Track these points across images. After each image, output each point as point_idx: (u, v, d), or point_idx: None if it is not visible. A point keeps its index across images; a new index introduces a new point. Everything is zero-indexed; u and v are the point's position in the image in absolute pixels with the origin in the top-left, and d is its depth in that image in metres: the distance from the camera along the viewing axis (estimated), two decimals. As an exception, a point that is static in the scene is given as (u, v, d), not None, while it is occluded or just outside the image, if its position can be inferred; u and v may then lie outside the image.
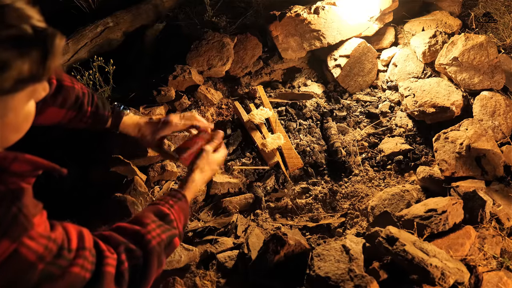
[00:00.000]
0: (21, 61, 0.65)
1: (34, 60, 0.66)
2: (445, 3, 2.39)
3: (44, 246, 0.72)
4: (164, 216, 1.05)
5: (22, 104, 0.73)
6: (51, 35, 0.69)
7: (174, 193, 1.14)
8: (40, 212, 0.75)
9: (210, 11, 2.24)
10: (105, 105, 1.31)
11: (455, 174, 1.65)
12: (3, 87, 0.65)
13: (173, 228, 1.04)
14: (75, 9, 2.24)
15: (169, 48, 2.25)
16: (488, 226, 1.40)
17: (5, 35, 0.63)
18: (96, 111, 1.28)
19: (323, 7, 2.22)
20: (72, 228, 0.83)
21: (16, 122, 0.75)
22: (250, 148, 1.88)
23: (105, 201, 1.53)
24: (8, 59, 0.63)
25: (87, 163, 1.67)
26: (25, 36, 0.65)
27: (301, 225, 1.64)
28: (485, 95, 1.89)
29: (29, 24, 0.66)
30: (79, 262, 0.78)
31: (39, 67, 0.67)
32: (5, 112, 0.69)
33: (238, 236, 1.57)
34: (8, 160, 0.69)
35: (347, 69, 2.17)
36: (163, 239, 1.00)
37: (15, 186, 0.70)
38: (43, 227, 0.74)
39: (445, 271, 1.11)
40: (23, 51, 0.65)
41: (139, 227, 0.98)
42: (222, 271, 1.42)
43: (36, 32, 0.66)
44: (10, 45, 0.63)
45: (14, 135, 0.76)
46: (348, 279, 1.14)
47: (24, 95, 0.71)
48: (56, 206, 1.25)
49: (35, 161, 0.73)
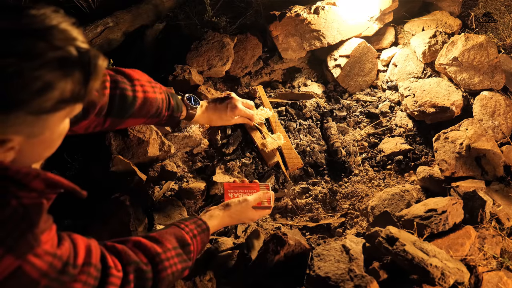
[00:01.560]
0: (64, 82, 0.65)
1: (77, 81, 0.67)
2: (445, 3, 2.39)
3: (49, 264, 0.72)
4: (185, 246, 1.05)
5: (59, 122, 0.73)
6: (94, 57, 0.69)
7: (200, 223, 1.14)
8: (50, 227, 0.75)
9: (210, 11, 2.24)
10: (179, 106, 1.43)
11: (455, 174, 1.65)
12: (44, 107, 0.65)
13: (189, 260, 1.05)
14: (75, 9, 2.24)
15: (169, 48, 2.25)
16: (488, 226, 1.40)
17: (52, 56, 0.63)
18: (172, 114, 1.40)
19: (323, 7, 2.22)
20: (81, 241, 0.82)
21: (51, 139, 0.76)
22: (250, 148, 1.88)
23: (105, 201, 1.53)
24: (53, 80, 0.63)
25: (87, 163, 1.67)
26: (70, 58, 0.66)
27: (301, 225, 1.64)
28: (485, 95, 1.89)
29: (74, 45, 0.67)
30: (82, 278, 0.78)
31: (81, 88, 0.68)
32: (42, 131, 0.70)
33: (238, 236, 1.57)
34: (30, 177, 0.70)
35: (347, 69, 2.17)
36: (178, 269, 1.00)
37: (29, 202, 0.70)
38: (50, 244, 0.74)
39: (445, 271, 1.11)
40: (67, 72, 0.65)
41: (160, 249, 0.97)
42: (222, 271, 1.42)
43: (80, 53, 0.67)
44: (55, 67, 0.64)
45: (46, 152, 0.78)
46: (348, 279, 1.14)
47: (63, 114, 0.71)
48: (55, 205, 1.26)
49: (56, 181, 0.74)
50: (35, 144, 0.71)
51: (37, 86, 0.62)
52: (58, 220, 0.79)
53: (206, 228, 1.15)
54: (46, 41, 0.64)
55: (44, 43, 0.63)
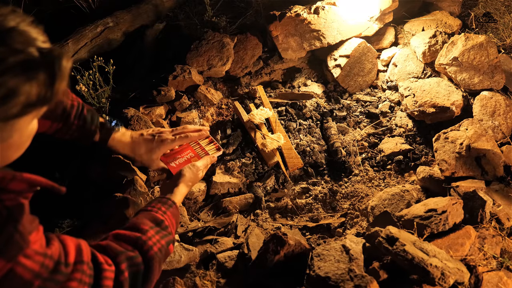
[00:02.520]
0: (29, 86, 0.63)
1: (42, 84, 0.65)
2: (445, 3, 2.39)
3: (40, 264, 0.71)
4: (160, 223, 1.06)
5: (27, 125, 0.72)
6: (58, 57, 0.67)
7: (165, 200, 1.15)
8: (36, 228, 0.74)
9: (210, 11, 2.24)
10: (94, 119, 1.27)
11: (455, 174, 1.65)
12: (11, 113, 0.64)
13: (169, 234, 1.06)
14: (75, 9, 2.24)
15: (169, 48, 2.25)
16: (488, 226, 1.40)
17: (13, 61, 0.62)
18: (83, 125, 1.24)
19: (323, 7, 2.22)
20: (70, 241, 0.82)
21: (20, 142, 0.75)
22: (250, 148, 1.88)
23: (104, 201, 1.53)
24: (17, 85, 0.62)
25: (86, 163, 1.67)
26: (32, 60, 0.64)
27: (301, 225, 1.64)
28: (485, 95, 1.89)
29: (35, 46, 0.65)
30: (77, 276, 0.78)
31: (47, 90, 0.66)
32: (10, 134, 0.69)
33: (238, 236, 1.57)
34: (6, 180, 0.69)
35: (347, 69, 2.17)
36: (163, 244, 1.01)
37: (12, 203, 0.69)
38: (38, 244, 0.73)
39: (445, 271, 1.11)
40: (30, 76, 0.63)
41: (139, 233, 0.98)
42: (222, 271, 1.42)
43: (42, 54, 0.65)
44: (18, 71, 0.62)
45: (16, 153, 0.76)
46: (348, 279, 1.14)
47: (31, 117, 0.70)
48: (55, 206, 1.26)
49: (33, 180, 0.73)
50: (4, 147, 0.70)
51: (1, 93, 0.60)
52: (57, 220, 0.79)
53: (172, 202, 1.16)
54: (6, 45, 0.62)
55: (4, 47, 0.61)
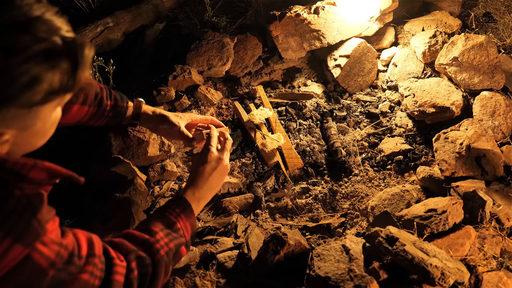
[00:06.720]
0: (52, 74, 0.65)
1: (65, 72, 0.67)
2: (445, 3, 2.39)
3: (56, 253, 0.72)
4: (172, 225, 1.04)
5: (50, 112, 0.74)
6: (80, 46, 0.69)
7: (181, 201, 1.12)
8: (53, 218, 0.76)
9: (210, 11, 2.24)
10: (123, 97, 1.35)
11: (455, 174, 1.65)
12: (34, 100, 0.65)
13: (180, 237, 1.04)
14: (75, 9, 2.24)
15: (169, 48, 2.25)
16: (488, 226, 1.40)
17: (37, 49, 0.63)
18: (115, 104, 1.31)
19: (323, 7, 2.22)
20: (82, 235, 0.83)
21: (44, 129, 0.76)
22: (250, 148, 1.88)
23: (105, 201, 1.53)
24: (40, 73, 0.63)
25: (86, 163, 1.67)
26: (55, 49, 0.65)
27: (301, 225, 1.64)
28: (485, 95, 1.89)
29: (59, 35, 0.66)
30: (88, 269, 0.78)
31: (69, 78, 0.68)
32: (34, 122, 0.70)
33: (238, 236, 1.57)
34: (27, 167, 0.70)
35: (347, 69, 2.17)
36: (171, 248, 1.00)
37: (31, 191, 0.70)
38: (55, 234, 0.74)
39: (445, 271, 1.11)
40: (53, 64, 0.65)
41: (148, 235, 0.98)
42: (222, 271, 1.42)
43: (65, 43, 0.66)
44: (41, 59, 0.63)
45: (40, 141, 0.78)
46: (348, 279, 1.14)
47: (54, 104, 0.71)
48: (55, 206, 1.26)
49: (53, 169, 0.74)
50: (28, 135, 0.72)
51: (25, 81, 0.62)
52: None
53: (188, 204, 1.11)
54: (30, 33, 0.63)
55: (28, 36, 0.63)
